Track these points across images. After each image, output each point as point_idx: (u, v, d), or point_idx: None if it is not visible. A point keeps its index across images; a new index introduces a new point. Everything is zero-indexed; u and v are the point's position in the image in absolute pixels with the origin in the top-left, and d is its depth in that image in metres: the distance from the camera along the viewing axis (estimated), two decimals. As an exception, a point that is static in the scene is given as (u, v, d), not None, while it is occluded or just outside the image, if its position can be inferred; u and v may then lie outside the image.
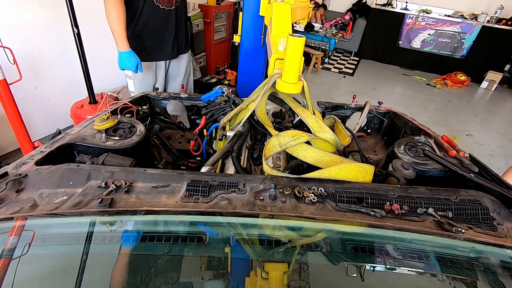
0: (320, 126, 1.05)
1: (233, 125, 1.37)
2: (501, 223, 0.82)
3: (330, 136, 1.03)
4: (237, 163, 1.12)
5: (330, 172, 0.92)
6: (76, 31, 2.28)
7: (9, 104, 2.11)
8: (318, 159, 1.01)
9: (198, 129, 1.47)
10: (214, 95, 1.61)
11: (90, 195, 0.83)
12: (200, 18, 4.12)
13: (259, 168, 1.24)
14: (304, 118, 1.09)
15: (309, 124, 1.06)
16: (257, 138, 1.40)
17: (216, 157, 1.11)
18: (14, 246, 0.67)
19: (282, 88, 1.01)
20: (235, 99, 1.50)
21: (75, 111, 2.65)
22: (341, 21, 6.90)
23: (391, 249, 0.72)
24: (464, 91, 5.93)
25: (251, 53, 2.47)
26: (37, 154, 1.01)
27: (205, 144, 1.47)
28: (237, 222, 0.79)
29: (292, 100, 1.21)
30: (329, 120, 1.32)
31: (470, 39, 6.13)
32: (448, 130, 4.23)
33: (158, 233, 0.75)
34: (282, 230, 0.79)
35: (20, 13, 2.56)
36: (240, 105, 1.31)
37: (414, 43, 6.61)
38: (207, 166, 1.04)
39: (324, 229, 0.80)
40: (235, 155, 1.15)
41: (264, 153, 1.03)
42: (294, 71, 0.97)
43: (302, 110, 1.13)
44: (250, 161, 1.24)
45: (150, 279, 0.60)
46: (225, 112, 1.52)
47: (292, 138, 0.99)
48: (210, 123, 1.54)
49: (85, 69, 2.47)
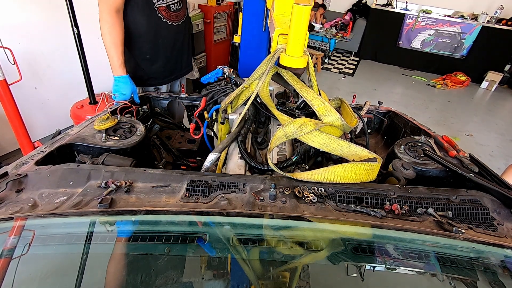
0: (326, 108, 1.00)
1: (235, 107, 1.30)
2: (501, 223, 0.82)
3: (337, 119, 0.98)
4: (242, 148, 1.07)
5: (334, 175, 0.90)
6: (76, 31, 2.29)
7: (9, 104, 2.11)
8: (324, 144, 0.97)
9: (198, 111, 1.41)
10: (215, 76, 1.53)
11: (90, 195, 0.83)
12: (200, 18, 4.12)
13: (263, 153, 1.18)
14: (309, 101, 1.03)
15: (314, 107, 1.01)
16: (260, 121, 1.32)
17: (225, 143, 1.05)
18: (14, 246, 0.67)
19: (286, 62, 0.96)
20: (237, 80, 1.42)
21: (75, 111, 2.65)
22: (341, 21, 6.91)
23: (391, 249, 0.72)
24: (464, 91, 5.93)
25: (251, 53, 2.48)
26: (37, 154, 1.01)
27: (205, 127, 1.41)
28: (237, 222, 0.79)
29: (297, 80, 1.12)
30: (336, 101, 1.24)
31: (470, 39, 6.14)
32: (448, 130, 4.24)
33: (158, 233, 0.74)
34: (282, 231, 0.79)
35: (20, 14, 2.57)
36: (241, 85, 1.23)
37: (414, 43, 6.62)
38: (215, 153, 0.99)
39: (324, 229, 0.80)
40: (241, 140, 1.10)
41: (270, 145, 0.99)
42: (299, 43, 0.92)
43: (307, 91, 1.06)
44: (254, 145, 1.19)
45: (150, 279, 0.60)
46: (226, 93, 1.44)
47: (299, 128, 0.94)
48: (210, 105, 1.47)
49: (85, 69, 2.47)
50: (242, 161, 1.05)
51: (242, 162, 1.04)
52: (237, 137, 1.10)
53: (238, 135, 1.11)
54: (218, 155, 1.00)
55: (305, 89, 1.07)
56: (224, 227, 0.78)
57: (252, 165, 1.01)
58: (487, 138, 4.18)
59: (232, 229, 0.76)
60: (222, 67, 1.53)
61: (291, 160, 1.00)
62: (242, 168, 1.01)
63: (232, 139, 1.08)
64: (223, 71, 1.51)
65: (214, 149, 1.02)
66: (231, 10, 4.58)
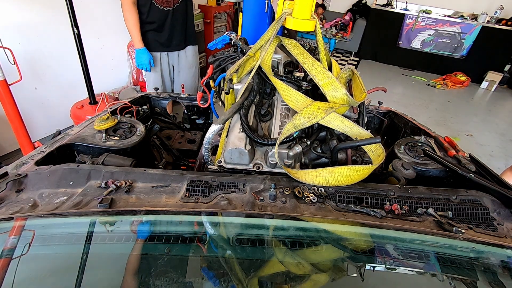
0: (331, 83, 0.95)
1: (240, 77, 1.25)
2: (501, 223, 0.82)
3: (342, 95, 0.94)
4: (244, 120, 1.03)
5: (338, 179, 0.88)
6: (76, 31, 2.29)
7: (9, 104, 2.11)
8: (329, 121, 0.94)
9: (205, 79, 1.35)
10: (222, 42, 1.47)
11: (90, 195, 0.83)
12: (200, 19, 4.13)
13: (266, 126, 1.13)
14: (314, 76, 0.97)
15: (318, 83, 0.97)
16: (266, 92, 1.25)
17: (228, 115, 1.00)
18: (14, 246, 0.67)
19: (293, 25, 0.91)
20: (243, 47, 1.34)
21: (75, 111, 2.65)
22: (341, 22, 6.90)
23: (391, 249, 0.72)
24: (464, 92, 5.93)
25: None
26: (37, 154, 1.01)
27: (212, 96, 1.37)
28: (237, 222, 0.79)
29: (301, 52, 1.04)
30: (348, 72, 1.15)
31: (470, 39, 6.12)
32: (448, 130, 4.23)
33: (158, 233, 0.74)
34: (282, 231, 0.79)
35: (20, 14, 2.56)
36: (247, 53, 1.17)
37: (414, 43, 6.60)
38: (217, 125, 0.95)
39: (324, 229, 0.80)
40: (244, 112, 1.05)
41: (279, 138, 0.94)
42: (307, 4, 0.88)
43: (311, 64, 1.00)
44: (257, 117, 1.13)
45: (150, 279, 0.60)
46: (233, 60, 1.37)
47: (308, 118, 0.91)
48: (217, 73, 1.40)
49: (85, 69, 2.47)
50: (243, 133, 1.00)
51: (243, 135, 1.00)
52: (239, 108, 1.05)
53: (241, 107, 1.06)
54: (220, 126, 0.95)
55: (310, 61, 1.01)
56: (224, 227, 0.78)
57: (252, 138, 0.98)
58: (487, 138, 4.17)
59: (232, 229, 0.76)
60: (230, 33, 1.47)
61: (292, 135, 0.96)
62: (243, 141, 0.97)
63: (235, 111, 1.03)
64: (230, 37, 1.44)
65: (216, 120, 0.98)
66: (231, 10, 4.58)
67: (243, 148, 0.95)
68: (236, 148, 0.95)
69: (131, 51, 3.58)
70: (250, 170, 0.99)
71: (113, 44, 3.48)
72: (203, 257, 0.68)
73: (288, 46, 1.06)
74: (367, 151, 0.98)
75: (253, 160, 1.00)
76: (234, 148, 0.95)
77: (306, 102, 0.97)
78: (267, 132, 1.09)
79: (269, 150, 0.97)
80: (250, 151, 0.98)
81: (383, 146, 0.94)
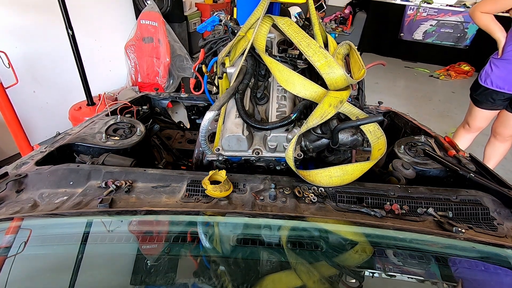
0: (328, 64, 0.92)
1: (233, 59, 1.19)
2: (501, 223, 0.82)
3: (340, 75, 0.92)
4: (240, 105, 1.00)
5: (353, 177, 0.88)
6: (70, 32, 2.27)
7: (6, 108, 2.09)
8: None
9: (197, 64, 1.30)
10: (211, 24, 1.37)
11: (90, 195, 0.83)
12: (197, 17, 4.12)
13: (262, 109, 1.09)
14: (310, 57, 0.94)
15: (315, 64, 0.94)
16: (260, 74, 1.19)
17: (222, 101, 0.96)
18: (14, 247, 0.67)
19: None
20: (234, 28, 1.28)
21: (73, 113, 2.65)
22: (341, 15, 6.85)
23: (391, 249, 0.72)
24: (468, 82, 5.82)
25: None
26: (37, 154, 1.01)
27: (206, 81, 1.31)
28: (237, 222, 0.79)
29: (296, 30, 1.00)
30: (345, 47, 1.11)
31: (473, 28, 5.88)
32: (452, 122, 4.15)
33: (158, 233, 0.75)
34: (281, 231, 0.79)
35: (16, 17, 2.56)
36: (237, 34, 1.12)
37: (416, 35, 6.43)
38: (212, 111, 0.92)
39: (324, 229, 0.80)
40: (239, 97, 1.02)
41: (292, 141, 0.91)
42: None
43: (307, 44, 0.96)
44: (253, 101, 1.10)
45: (150, 279, 0.60)
46: (225, 43, 1.31)
47: (321, 118, 0.89)
48: (209, 57, 1.34)
49: (81, 70, 2.46)
50: (240, 119, 0.98)
51: (240, 121, 0.97)
52: (234, 93, 1.02)
53: (236, 91, 1.03)
54: (215, 113, 0.92)
55: (306, 41, 0.96)
56: (224, 227, 0.78)
57: (250, 124, 0.96)
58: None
59: (232, 229, 0.76)
60: (219, 13, 1.38)
61: (290, 118, 0.93)
62: (240, 127, 0.95)
63: (230, 96, 1.00)
64: (220, 18, 1.36)
65: (212, 107, 0.95)
66: (228, 7, 4.58)
67: (241, 134, 0.93)
68: (233, 134, 0.93)
69: (128, 52, 3.58)
70: (249, 156, 0.96)
71: (110, 46, 3.49)
72: (203, 257, 0.68)
73: (281, 26, 1.02)
74: (365, 131, 0.96)
75: (252, 146, 0.97)
76: (232, 134, 0.93)
77: (304, 83, 0.95)
78: (264, 116, 1.05)
79: (267, 135, 0.95)
80: (248, 137, 0.95)
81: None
